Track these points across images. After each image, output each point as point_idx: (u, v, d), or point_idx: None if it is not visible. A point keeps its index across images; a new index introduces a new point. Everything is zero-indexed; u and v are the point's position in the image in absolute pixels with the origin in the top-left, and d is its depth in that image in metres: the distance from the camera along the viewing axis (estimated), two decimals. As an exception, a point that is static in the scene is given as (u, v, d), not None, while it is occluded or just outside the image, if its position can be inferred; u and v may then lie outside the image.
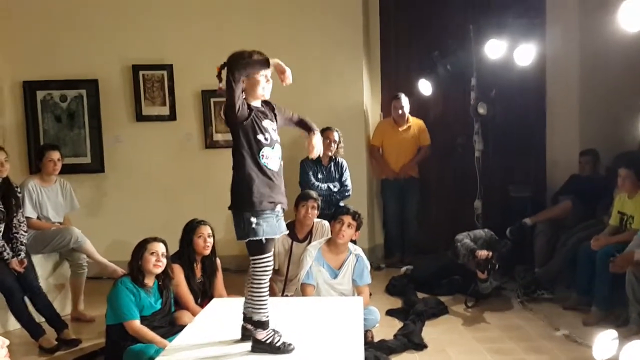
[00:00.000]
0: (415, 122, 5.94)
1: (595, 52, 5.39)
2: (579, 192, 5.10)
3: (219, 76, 2.56)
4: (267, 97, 2.64)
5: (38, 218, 4.52)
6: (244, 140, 2.54)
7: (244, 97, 2.54)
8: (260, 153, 2.54)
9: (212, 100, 5.83)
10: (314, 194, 4.55)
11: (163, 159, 5.88)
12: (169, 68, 5.80)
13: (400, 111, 5.82)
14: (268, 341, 2.57)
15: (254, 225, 2.52)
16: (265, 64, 2.52)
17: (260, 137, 2.55)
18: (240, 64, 2.47)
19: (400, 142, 5.88)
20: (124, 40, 5.78)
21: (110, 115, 5.84)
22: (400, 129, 5.89)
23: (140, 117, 5.84)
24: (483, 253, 4.59)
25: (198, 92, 5.83)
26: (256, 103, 2.61)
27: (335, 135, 5.26)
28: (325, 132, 5.26)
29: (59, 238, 4.39)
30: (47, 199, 4.60)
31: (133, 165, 5.86)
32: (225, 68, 2.51)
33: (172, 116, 5.85)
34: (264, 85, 2.60)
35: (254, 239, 2.54)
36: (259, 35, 5.35)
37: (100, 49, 5.76)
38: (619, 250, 3.97)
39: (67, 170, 4.92)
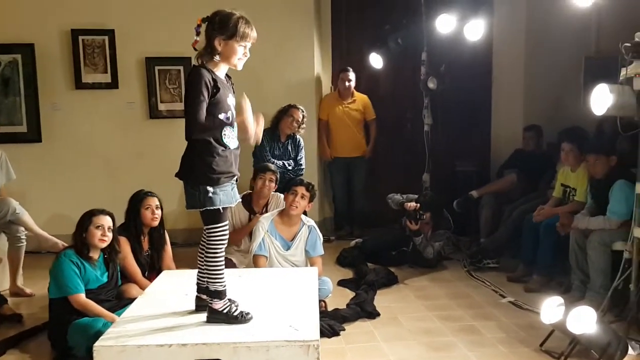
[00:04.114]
0: (360, 97, 5.92)
1: (540, 30, 5.54)
2: (523, 166, 5.27)
3: (197, 29, 2.41)
4: (239, 68, 2.51)
5: (-29, 189, 4.26)
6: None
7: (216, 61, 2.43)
8: (222, 132, 2.43)
9: (156, 68, 5.62)
10: (272, 166, 4.49)
11: (105, 129, 5.63)
12: (110, 33, 5.52)
13: (347, 83, 5.77)
14: (225, 311, 2.51)
15: (210, 195, 2.43)
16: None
17: (222, 116, 2.43)
18: (205, 129, 2.37)
19: (345, 115, 5.86)
20: (63, 2, 5.45)
21: (47, 82, 5.53)
22: (345, 102, 5.87)
23: (79, 85, 5.55)
24: (411, 205, 4.89)
25: (142, 59, 5.60)
26: (221, 73, 2.48)
27: (300, 115, 5.13)
28: (291, 109, 5.13)
29: (-5, 210, 4.15)
30: (-19, 169, 4.35)
31: (72, 135, 5.59)
32: (206, 24, 2.40)
33: (113, 84, 5.59)
34: (241, 57, 2.47)
35: (211, 208, 2.46)
36: (207, 1, 5.14)
37: (37, 12, 5.42)
38: (561, 221, 4.11)
39: (1, 139, 4.64)
